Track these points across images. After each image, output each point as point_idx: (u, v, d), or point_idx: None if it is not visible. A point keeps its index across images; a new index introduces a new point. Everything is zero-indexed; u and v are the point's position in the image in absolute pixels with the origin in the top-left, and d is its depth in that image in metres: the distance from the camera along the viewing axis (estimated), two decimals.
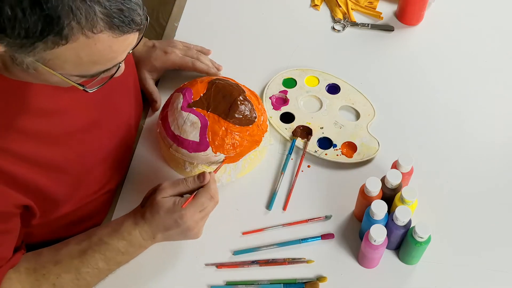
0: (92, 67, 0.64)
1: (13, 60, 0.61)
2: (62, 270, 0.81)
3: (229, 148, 0.93)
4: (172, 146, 0.95)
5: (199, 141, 0.93)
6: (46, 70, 0.62)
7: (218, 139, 0.92)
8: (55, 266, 0.81)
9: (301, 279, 0.88)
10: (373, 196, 0.87)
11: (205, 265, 0.91)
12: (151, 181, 0.93)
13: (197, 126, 0.93)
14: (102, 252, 0.82)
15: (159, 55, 1.07)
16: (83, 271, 0.81)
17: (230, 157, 0.94)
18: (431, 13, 1.24)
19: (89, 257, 0.82)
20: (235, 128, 0.93)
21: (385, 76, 1.15)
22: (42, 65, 0.61)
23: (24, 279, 0.80)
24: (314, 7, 1.27)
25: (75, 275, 0.81)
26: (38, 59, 0.60)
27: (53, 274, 0.80)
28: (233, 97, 0.94)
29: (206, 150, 0.92)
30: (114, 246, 0.82)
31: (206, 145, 0.92)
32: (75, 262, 0.81)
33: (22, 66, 0.62)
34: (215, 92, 0.95)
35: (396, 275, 0.90)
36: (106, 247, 0.82)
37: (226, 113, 0.93)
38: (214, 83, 0.96)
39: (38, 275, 0.80)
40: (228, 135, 0.92)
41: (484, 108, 1.10)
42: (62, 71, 0.63)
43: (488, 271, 0.90)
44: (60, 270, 0.81)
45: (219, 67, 1.11)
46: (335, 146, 1.03)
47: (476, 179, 1.00)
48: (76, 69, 0.64)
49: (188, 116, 0.93)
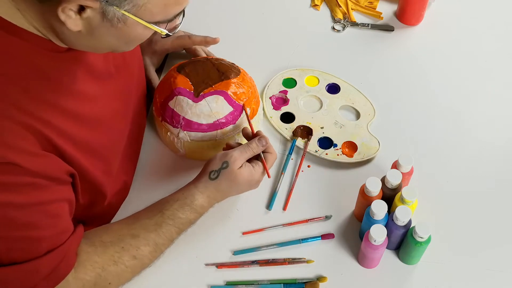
0: (174, 8, 0.69)
1: (104, 15, 0.65)
2: (141, 243, 0.83)
3: (244, 98, 0.98)
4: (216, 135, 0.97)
5: (234, 108, 0.96)
6: (135, 21, 0.67)
7: (239, 95, 0.97)
8: (133, 239, 0.83)
9: (301, 279, 0.88)
10: (373, 196, 0.87)
11: (205, 265, 0.91)
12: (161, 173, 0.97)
13: (221, 100, 0.95)
14: (176, 226, 0.85)
15: (157, 38, 1.10)
16: (160, 243, 0.84)
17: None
18: (431, 13, 1.24)
19: (164, 230, 0.84)
20: (235, 80, 0.98)
21: (385, 76, 1.15)
22: (133, 15, 0.66)
23: (101, 252, 0.80)
24: (314, 7, 1.27)
25: (153, 247, 0.84)
26: (130, 9, 0.65)
27: (132, 246, 0.82)
28: (211, 64, 0.99)
29: (243, 111, 0.98)
30: (187, 219, 0.86)
31: (240, 106, 0.97)
32: (152, 236, 0.84)
33: (113, 20, 0.66)
34: (198, 72, 0.98)
35: (396, 275, 0.90)
36: (180, 221, 0.86)
37: (221, 76, 0.97)
38: (183, 68, 1.00)
39: (117, 247, 0.81)
40: (237, 88, 0.97)
41: (484, 108, 1.10)
42: (149, 18, 0.67)
43: (488, 271, 0.90)
44: (139, 243, 0.83)
45: (217, 39, 1.12)
46: (335, 145, 1.03)
47: (476, 179, 1.00)
48: (162, 12, 0.68)
49: (207, 101, 0.95)
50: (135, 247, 0.82)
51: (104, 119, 0.84)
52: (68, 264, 0.76)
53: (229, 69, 0.99)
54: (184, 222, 0.86)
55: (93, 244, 0.81)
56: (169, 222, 0.85)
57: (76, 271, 0.78)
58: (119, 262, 0.81)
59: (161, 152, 1.03)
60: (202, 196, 0.87)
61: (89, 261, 0.79)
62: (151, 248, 0.83)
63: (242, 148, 0.89)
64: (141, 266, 0.84)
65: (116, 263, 0.81)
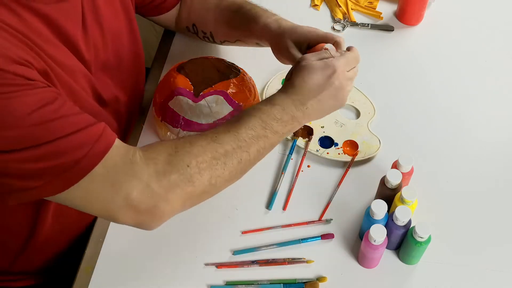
0: None
1: None
2: (219, 131, 0.78)
3: (245, 97, 0.98)
4: None
5: (233, 108, 0.96)
6: None
7: (239, 95, 0.97)
8: (211, 132, 0.78)
9: (301, 279, 0.88)
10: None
11: (205, 265, 0.91)
12: None
13: (221, 100, 0.95)
14: (257, 116, 0.80)
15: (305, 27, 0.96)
16: (242, 131, 0.78)
17: None
18: (431, 13, 1.24)
19: (246, 119, 0.79)
20: (235, 80, 0.98)
21: (385, 76, 1.15)
22: None
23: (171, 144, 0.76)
24: (314, 7, 1.27)
25: (233, 134, 0.78)
26: None
27: (211, 133, 0.78)
28: (211, 64, 0.99)
29: None
30: (269, 111, 0.80)
31: (240, 106, 0.97)
32: (232, 125, 0.79)
33: None
34: (197, 72, 0.98)
35: (396, 275, 0.90)
36: (261, 111, 0.80)
37: (221, 76, 0.97)
38: (183, 68, 0.99)
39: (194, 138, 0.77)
40: (237, 87, 0.97)
41: (484, 108, 1.10)
42: None
43: (488, 271, 0.90)
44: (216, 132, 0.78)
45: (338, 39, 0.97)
46: (336, 145, 1.03)
47: (476, 179, 1.00)
48: None
49: (207, 101, 0.95)
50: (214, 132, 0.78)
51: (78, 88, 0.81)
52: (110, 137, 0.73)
53: (229, 69, 0.99)
54: (267, 112, 0.80)
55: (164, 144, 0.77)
56: (250, 112, 0.80)
57: (144, 153, 0.74)
58: (195, 144, 0.76)
59: None
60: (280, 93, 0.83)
61: (162, 145, 0.76)
62: (231, 135, 0.77)
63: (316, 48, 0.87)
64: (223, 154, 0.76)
65: (192, 144, 0.76)
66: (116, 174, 0.71)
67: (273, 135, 0.81)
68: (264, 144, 0.81)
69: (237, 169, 0.79)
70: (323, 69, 0.82)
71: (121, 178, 0.71)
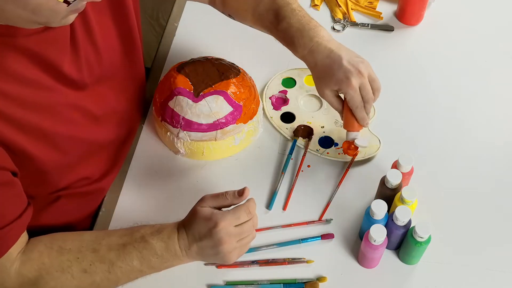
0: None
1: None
2: (97, 260, 0.81)
3: (245, 97, 0.98)
4: (216, 135, 0.97)
5: (233, 108, 0.96)
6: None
7: (239, 95, 0.97)
8: (92, 253, 0.81)
9: (301, 279, 0.88)
10: None
11: (204, 264, 0.91)
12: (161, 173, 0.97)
13: (221, 100, 0.95)
14: (140, 250, 0.81)
15: (341, 77, 0.90)
16: (117, 265, 0.81)
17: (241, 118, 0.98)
18: (431, 13, 1.24)
19: (127, 252, 0.81)
20: (235, 80, 0.98)
21: (384, 76, 1.14)
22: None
23: (54, 256, 0.80)
24: (314, 7, 1.27)
25: (108, 267, 0.81)
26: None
27: (87, 260, 0.80)
28: (211, 64, 0.99)
29: (242, 110, 0.97)
30: (152, 246, 0.82)
31: (240, 106, 0.97)
32: (111, 254, 0.81)
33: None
34: (197, 72, 0.98)
35: (396, 275, 0.90)
36: (145, 245, 0.82)
37: (221, 76, 0.97)
38: (183, 68, 0.99)
39: (72, 256, 0.80)
40: (237, 87, 0.97)
41: (484, 108, 1.10)
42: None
43: (488, 271, 0.90)
44: (95, 259, 0.81)
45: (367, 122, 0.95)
46: (336, 145, 1.03)
47: (476, 179, 1.00)
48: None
49: (207, 101, 0.95)
50: (90, 261, 0.80)
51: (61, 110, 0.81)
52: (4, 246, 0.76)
53: (229, 69, 0.99)
54: (149, 248, 0.81)
55: (51, 247, 0.81)
56: (134, 244, 0.82)
57: (20, 266, 0.78)
58: (67, 271, 0.80)
59: (161, 152, 1.03)
60: (172, 227, 0.84)
61: (37, 261, 0.79)
62: (105, 266, 0.81)
63: (217, 193, 0.84)
64: (90, 284, 0.81)
65: (64, 271, 0.80)
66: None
67: (149, 270, 0.84)
68: (136, 276, 0.85)
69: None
70: (207, 220, 0.81)
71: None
